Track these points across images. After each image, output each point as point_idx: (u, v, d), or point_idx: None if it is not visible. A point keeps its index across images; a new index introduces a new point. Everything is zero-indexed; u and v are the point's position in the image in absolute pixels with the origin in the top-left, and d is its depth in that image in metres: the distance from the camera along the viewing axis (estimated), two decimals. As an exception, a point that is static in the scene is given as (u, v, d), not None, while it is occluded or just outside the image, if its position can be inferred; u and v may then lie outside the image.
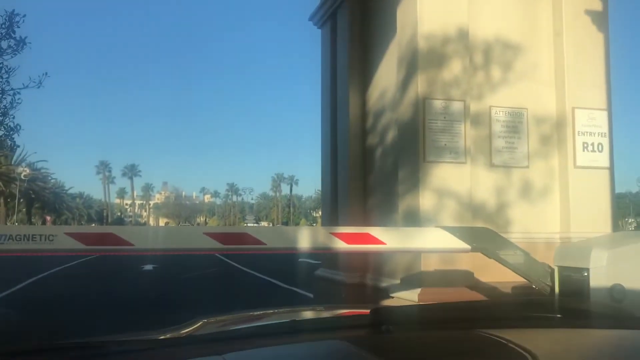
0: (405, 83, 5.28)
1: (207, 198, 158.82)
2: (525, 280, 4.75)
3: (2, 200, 56.32)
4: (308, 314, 2.40)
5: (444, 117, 5.03)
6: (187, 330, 1.62)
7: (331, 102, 6.80)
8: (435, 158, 4.91)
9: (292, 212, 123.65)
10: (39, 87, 8.75)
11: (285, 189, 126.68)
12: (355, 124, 6.32)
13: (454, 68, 5.12)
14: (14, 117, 9.31)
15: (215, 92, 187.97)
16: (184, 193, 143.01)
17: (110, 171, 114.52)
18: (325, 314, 2.36)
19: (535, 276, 3.62)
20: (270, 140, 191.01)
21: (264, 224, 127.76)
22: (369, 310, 1.59)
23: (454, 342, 1.43)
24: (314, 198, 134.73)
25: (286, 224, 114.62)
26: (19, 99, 9.10)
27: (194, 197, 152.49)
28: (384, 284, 5.57)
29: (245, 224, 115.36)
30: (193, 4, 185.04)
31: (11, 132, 9.53)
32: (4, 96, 8.93)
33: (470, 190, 5.03)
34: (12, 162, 57.35)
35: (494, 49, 5.49)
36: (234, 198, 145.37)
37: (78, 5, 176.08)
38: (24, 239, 2.97)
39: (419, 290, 4.70)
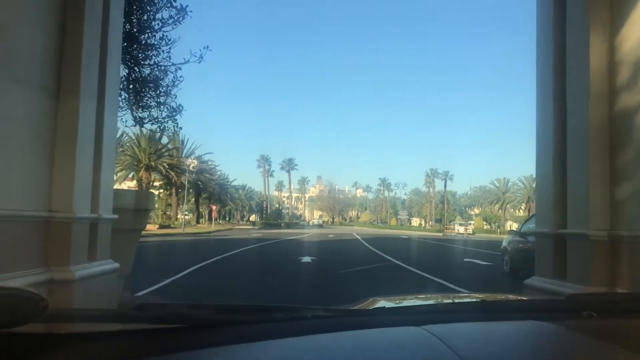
0: None
1: (359, 192, 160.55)
2: None
3: (174, 191, 61.25)
4: (498, 297, 2.23)
5: None
6: (361, 305, 1.67)
7: (555, 52, 5.01)
8: None
9: (446, 208, 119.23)
10: (199, 61, 8.09)
11: (438, 185, 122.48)
12: (598, 80, 4.50)
13: None
14: (175, 97, 8.83)
15: (369, 89, 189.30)
16: (337, 187, 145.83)
17: (270, 165, 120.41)
18: (515, 297, 2.16)
19: None
20: (424, 135, 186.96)
21: (415, 220, 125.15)
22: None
23: None
24: (470, 195, 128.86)
25: (439, 220, 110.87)
26: (180, 76, 8.56)
27: (346, 191, 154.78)
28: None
29: (398, 218, 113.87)
30: None
31: (174, 113, 9.09)
32: (166, 74, 8.45)
33: None
34: (182, 155, 62.08)
35: None
36: (386, 193, 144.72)
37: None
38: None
39: None
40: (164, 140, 55.83)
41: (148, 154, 54.66)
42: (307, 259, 18.22)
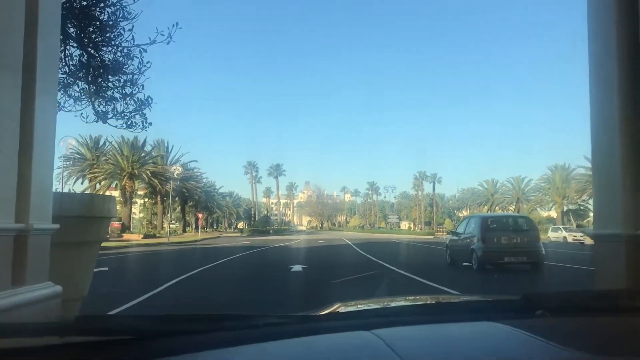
0: None
1: (348, 197, 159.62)
2: None
3: (159, 199, 59.69)
4: (453, 299, 2.24)
5: None
6: (327, 311, 1.65)
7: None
8: None
9: (435, 211, 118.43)
10: (168, 42, 6.85)
11: (427, 188, 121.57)
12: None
13: None
14: (143, 87, 7.60)
15: (356, 94, 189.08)
16: (325, 192, 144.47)
17: (257, 171, 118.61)
18: (471, 298, 2.19)
19: None
20: (412, 138, 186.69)
21: (404, 223, 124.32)
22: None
23: (612, 327, 1.36)
24: (458, 197, 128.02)
25: (429, 223, 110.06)
26: (147, 62, 7.32)
27: (334, 196, 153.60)
28: None
29: (388, 222, 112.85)
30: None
31: (142, 107, 7.86)
32: (130, 59, 7.21)
33: None
34: (168, 163, 60.63)
35: None
36: (374, 197, 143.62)
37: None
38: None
39: None
40: (148, 147, 54.43)
41: (131, 162, 53.18)
42: (297, 267, 17.01)
